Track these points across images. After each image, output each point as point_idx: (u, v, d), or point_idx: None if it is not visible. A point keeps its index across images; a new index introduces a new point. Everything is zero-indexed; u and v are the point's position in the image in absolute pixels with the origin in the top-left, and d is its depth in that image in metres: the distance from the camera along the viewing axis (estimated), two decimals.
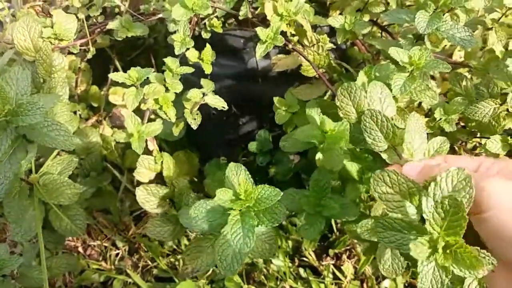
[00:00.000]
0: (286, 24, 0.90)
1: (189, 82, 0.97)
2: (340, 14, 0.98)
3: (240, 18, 1.01)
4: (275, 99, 0.96)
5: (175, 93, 0.93)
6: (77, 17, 1.16)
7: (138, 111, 0.93)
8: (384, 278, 1.32)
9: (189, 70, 0.94)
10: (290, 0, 0.91)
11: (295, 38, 0.94)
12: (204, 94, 0.95)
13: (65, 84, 0.88)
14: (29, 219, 0.87)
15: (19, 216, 0.86)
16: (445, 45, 1.12)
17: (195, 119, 0.95)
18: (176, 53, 0.93)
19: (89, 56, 1.30)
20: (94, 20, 1.26)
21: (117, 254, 1.46)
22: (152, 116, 1.00)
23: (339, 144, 0.77)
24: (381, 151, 0.67)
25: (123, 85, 1.44)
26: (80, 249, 1.50)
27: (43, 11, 1.31)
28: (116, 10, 1.23)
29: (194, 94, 0.93)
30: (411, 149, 0.64)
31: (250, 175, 0.72)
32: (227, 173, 0.72)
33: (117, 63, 1.44)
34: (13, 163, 0.70)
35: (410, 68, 0.74)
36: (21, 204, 0.86)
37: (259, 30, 0.88)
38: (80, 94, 1.43)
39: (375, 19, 1.00)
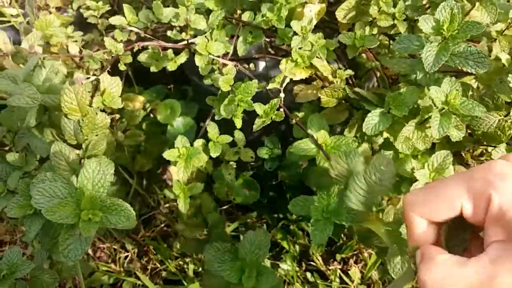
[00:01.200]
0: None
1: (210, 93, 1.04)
2: (349, 30, 1.01)
3: None
4: (294, 115, 0.99)
5: None
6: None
7: None
8: (390, 283, 1.33)
9: (228, 139, 1.05)
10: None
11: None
12: (237, 152, 1.09)
13: (105, 138, 0.93)
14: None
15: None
16: None
17: (230, 173, 1.09)
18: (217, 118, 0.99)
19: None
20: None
21: (126, 257, 1.49)
22: None
23: None
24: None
25: (134, 91, 1.48)
26: (89, 251, 1.53)
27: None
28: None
29: (230, 155, 1.08)
30: None
31: None
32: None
33: (130, 73, 1.47)
34: None
35: (447, 107, 0.75)
36: None
37: (257, 106, 0.90)
38: None
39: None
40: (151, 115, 1.44)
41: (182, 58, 1.06)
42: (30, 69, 0.84)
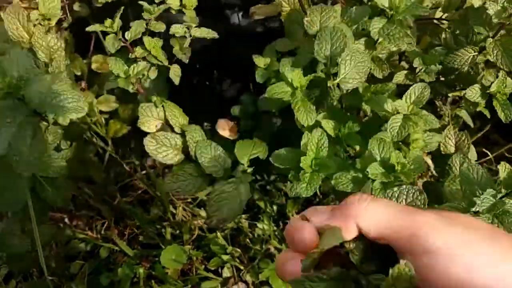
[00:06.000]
0: None
1: None
2: None
3: None
4: (254, 57, 0.96)
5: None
6: None
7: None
8: None
9: (165, 7, 0.93)
10: None
11: None
12: (188, 28, 0.91)
13: (67, 63, 0.89)
14: (17, 190, 0.88)
15: (8, 189, 0.87)
16: (427, 5, 1.13)
17: (185, 54, 0.92)
18: (156, 1, 0.93)
19: (65, 25, 1.29)
20: None
21: (103, 224, 1.47)
22: None
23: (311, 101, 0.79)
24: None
25: (105, 53, 1.44)
26: (66, 220, 1.50)
27: None
28: None
29: (177, 28, 0.90)
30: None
31: None
32: None
33: (100, 33, 1.43)
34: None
35: (390, 12, 0.75)
36: (9, 177, 0.87)
37: None
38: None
39: None
40: None
41: None
42: None
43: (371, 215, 0.40)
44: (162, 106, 0.91)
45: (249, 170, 0.74)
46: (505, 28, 0.80)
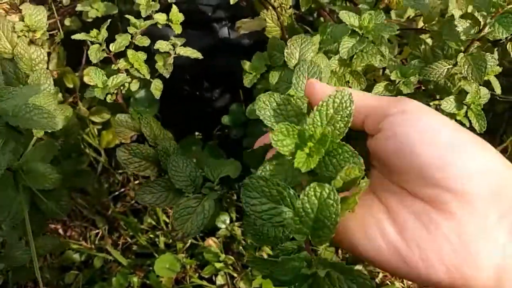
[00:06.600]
0: None
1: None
2: None
3: None
4: (243, 62, 0.98)
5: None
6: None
7: None
8: None
9: (151, 22, 0.94)
10: None
11: None
12: (174, 46, 0.93)
13: (48, 75, 0.89)
14: (16, 204, 0.89)
15: (6, 203, 0.88)
16: (410, 15, 1.16)
17: (167, 69, 0.94)
18: (143, 16, 0.94)
19: (58, 40, 1.30)
20: (60, 4, 1.27)
21: (97, 234, 1.48)
22: None
23: None
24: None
25: (97, 65, 1.46)
26: (60, 230, 1.52)
27: (12, 8, 1.31)
28: None
29: (162, 44, 0.92)
30: None
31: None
32: None
33: (89, 43, 1.45)
34: (5, 152, 0.72)
35: (361, 31, 0.77)
36: (7, 191, 0.88)
37: None
38: (56, 77, 1.44)
39: None
40: None
41: None
42: None
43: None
44: (139, 118, 0.91)
45: (217, 187, 0.75)
46: (476, 43, 0.82)
